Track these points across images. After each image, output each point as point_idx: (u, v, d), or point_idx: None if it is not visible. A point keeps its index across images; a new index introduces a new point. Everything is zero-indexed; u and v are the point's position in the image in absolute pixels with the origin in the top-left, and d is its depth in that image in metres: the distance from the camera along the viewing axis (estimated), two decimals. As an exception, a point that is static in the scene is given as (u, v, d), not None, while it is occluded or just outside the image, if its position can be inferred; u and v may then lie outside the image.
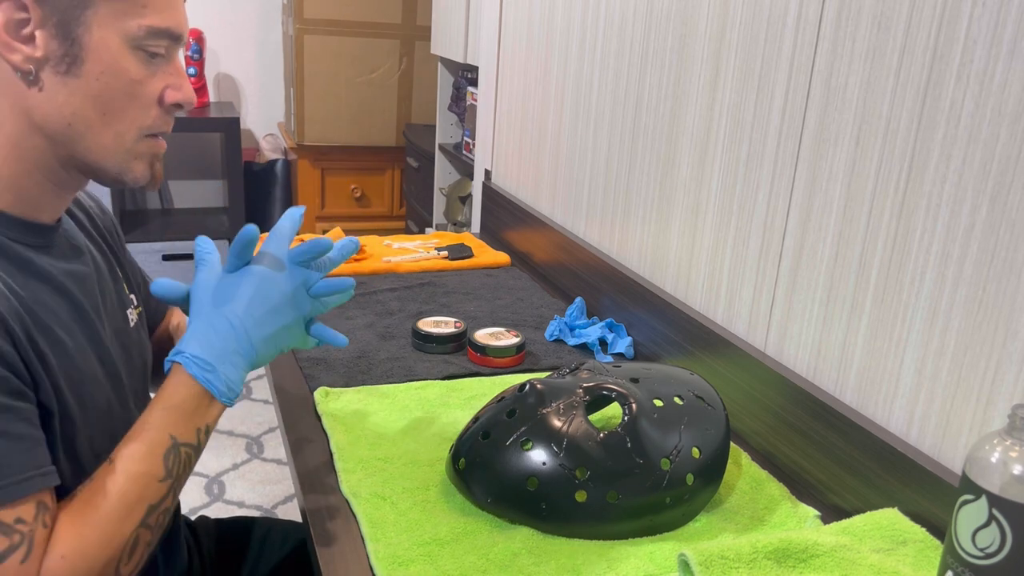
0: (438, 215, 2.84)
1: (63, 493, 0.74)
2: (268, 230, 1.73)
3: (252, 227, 0.83)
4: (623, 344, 1.32)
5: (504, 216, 1.91)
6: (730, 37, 1.14)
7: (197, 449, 0.80)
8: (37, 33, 0.71)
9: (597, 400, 0.92)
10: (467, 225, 2.54)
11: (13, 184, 0.76)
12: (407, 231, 3.32)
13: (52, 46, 0.72)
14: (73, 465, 0.77)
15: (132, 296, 0.95)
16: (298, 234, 1.28)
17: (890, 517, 0.85)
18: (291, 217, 0.87)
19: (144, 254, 3.15)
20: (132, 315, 0.93)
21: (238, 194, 3.20)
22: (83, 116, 0.75)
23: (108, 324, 0.86)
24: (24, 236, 0.77)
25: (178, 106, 0.80)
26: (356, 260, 1.61)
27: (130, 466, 0.75)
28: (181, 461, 0.78)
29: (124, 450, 0.76)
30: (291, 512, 2.26)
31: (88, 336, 0.81)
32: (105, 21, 0.73)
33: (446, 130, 2.84)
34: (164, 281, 0.86)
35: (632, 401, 0.88)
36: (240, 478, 2.37)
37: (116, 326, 0.88)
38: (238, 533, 1.16)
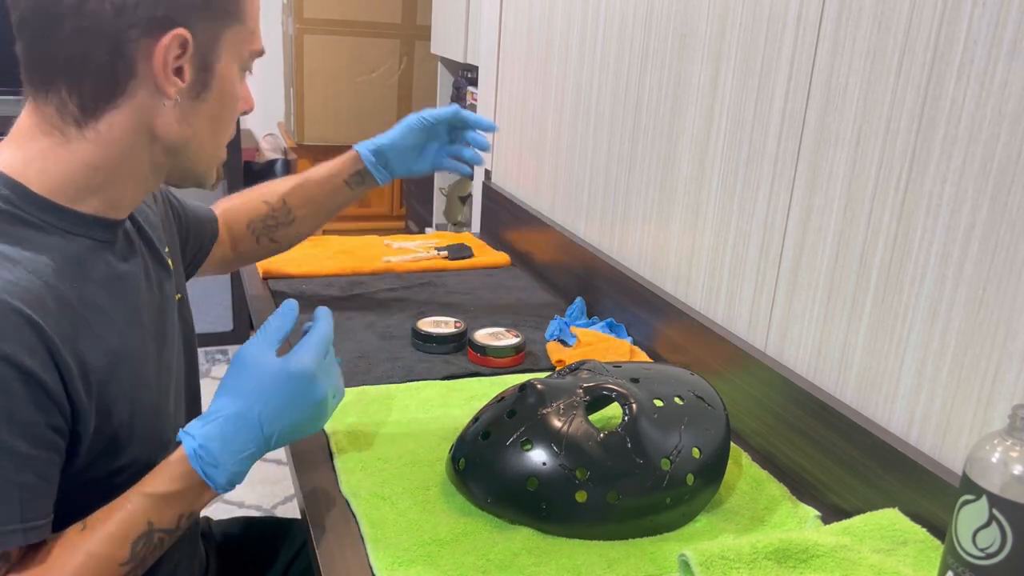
0: (438, 215, 2.83)
1: (99, 494, 0.75)
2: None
3: (293, 304, 0.85)
4: (623, 344, 1.32)
5: (504, 216, 1.91)
6: (730, 37, 1.14)
7: (173, 534, 0.78)
8: (186, 67, 0.76)
9: (597, 400, 0.92)
10: (467, 225, 2.54)
11: (108, 190, 0.78)
12: (407, 231, 3.32)
13: (193, 76, 0.77)
14: (112, 465, 0.78)
15: (180, 286, 0.97)
16: None
17: (890, 517, 0.85)
18: (325, 317, 0.86)
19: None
20: (175, 308, 0.93)
21: (238, 194, 3.20)
22: (200, 134, 0.80)
23: (154, 323, 0.87)
24: (94, 232, 0.79)
25: (243, 114, 0.86)
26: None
27: (95, 545, 0.73)
28: (152, 546, 0.76)
29: (98, 525, 0.74)
30: (291, 512, 2.26)
31: (140, 337, 0.82)
32: (229, 50, 0.79)
33: (446, 130, 2.83)
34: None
35: (632, 401, 0.88)
36: (240, 478, 2.37)
37: (161, 322, 0.89)
38: (243, 533, 1.16)
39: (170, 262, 0.94)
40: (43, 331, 0.68)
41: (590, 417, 0.89)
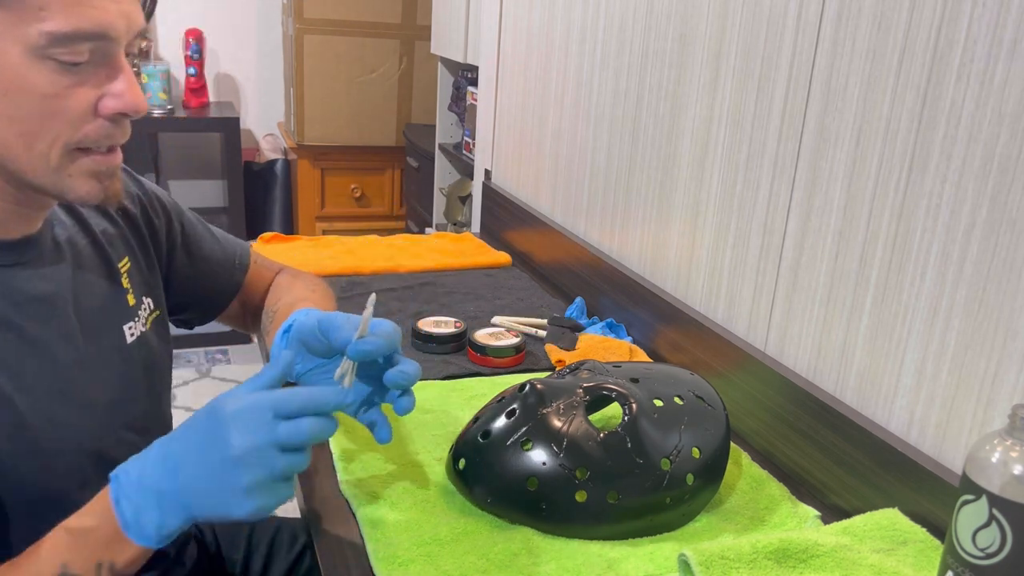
0: (438, 215, 2.83)
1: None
2: (268, 231, 1.72)
3: (283, 350, 0.81)
4: (623, 344, 1.32)
5: (504, 216, 1.91)
6: (730, 37, 1.14)
7: None
8: None
9: (597, 400, 0.92)
10: (467, 225, 2.54)
11: None
12: (407, 231, 3.32)
13: None
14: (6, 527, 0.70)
15: (146, 301, 0.89)
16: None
17: (890, 517, 0.85)
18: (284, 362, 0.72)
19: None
20: (134, 328, 0.86)
21: (238, 194, 3.20)
22: (1, 137, 0.67)
23: (84, 346, 0.79)
24: None
25: (123, 115, 0.70)
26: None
27: None
28: None
29: (20, 560, 0.67)
30: (291, 512, 2.25)
31: (40, 370, 0.74)
32: None
33: (446, 130, 2.84)
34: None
35: (632, 401, 0.88)
36: (240, 478, 2.36)
37: (104, 344, 0.82)
38: (243, 533, 1.16)
39: (125, 281, 0.86)
40: None
41: (590, 417, 0.89)
